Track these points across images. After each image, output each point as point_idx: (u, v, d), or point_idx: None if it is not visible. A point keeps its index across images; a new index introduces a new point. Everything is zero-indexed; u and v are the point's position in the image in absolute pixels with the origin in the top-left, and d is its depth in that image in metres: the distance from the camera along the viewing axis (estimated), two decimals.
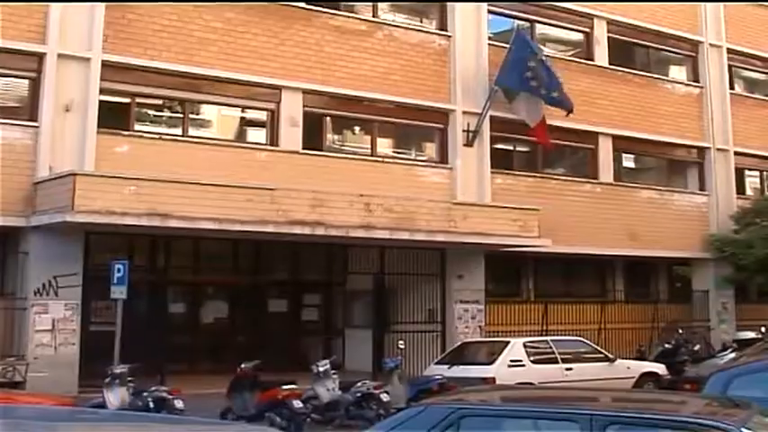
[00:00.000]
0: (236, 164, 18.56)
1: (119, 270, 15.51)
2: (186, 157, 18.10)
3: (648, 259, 25.59)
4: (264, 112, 19.98)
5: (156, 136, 18.55)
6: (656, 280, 27.36)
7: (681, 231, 25.51)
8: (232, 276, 21.24)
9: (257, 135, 20.40)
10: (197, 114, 19.99)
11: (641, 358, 20.89)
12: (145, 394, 13.21)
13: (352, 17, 21.09)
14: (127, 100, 18.55)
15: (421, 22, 22.99)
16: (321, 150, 20.37)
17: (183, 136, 18.85)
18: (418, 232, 19.05)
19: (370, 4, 21.78)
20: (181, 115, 19.25)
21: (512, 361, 16.54)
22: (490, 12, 23.08)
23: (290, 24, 19.93)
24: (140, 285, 18.23)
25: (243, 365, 14.11)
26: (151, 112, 19.52)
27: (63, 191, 15.88)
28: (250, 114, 20.56)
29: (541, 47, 24.33)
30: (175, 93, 18.97)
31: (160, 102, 19.45)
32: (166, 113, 19.71)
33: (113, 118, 17.89)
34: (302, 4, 20.24)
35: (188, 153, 18.27)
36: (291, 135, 19.66)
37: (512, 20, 23.72)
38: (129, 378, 13.44)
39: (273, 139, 19.68)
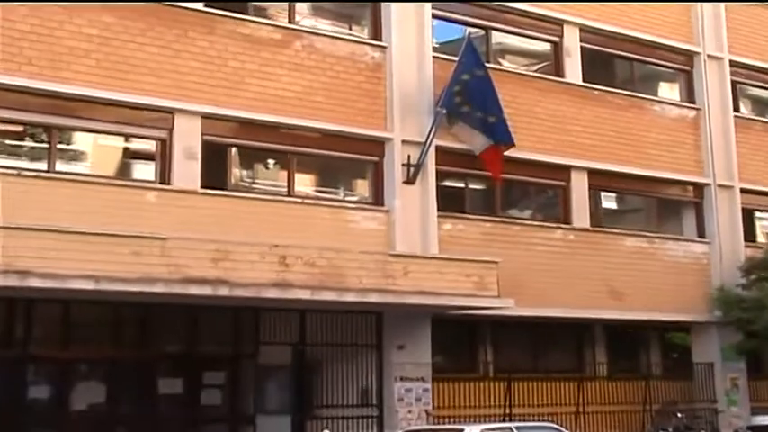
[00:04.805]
0: (117, 207, 18.77)
1: None
2: (53, 198, 18.26)
3: (636, 323, 26.25)
4: (153, 142, 20.28)
5: (14, 171, 18.56)
6: (647, 350, 27.95)
7: (676, 289, 26.31)
8: (112, 350, 21.19)
9: (144, 170, 20.68)
10: (67, 144, 20.18)
11: None
12: None
13: (264, 23, 21.63)
14: None
15: (350, 29, 23.67)
16: (225, 190, 20.74)
17: (48, 171, 19.04)
18: (347, 292, 19.45)
19: (286, 4, 22.32)
20: (46, 145, 19.42)
21: None
22: (435, 16, 23.84)
23: (185, 32, 20.38)
24: None
25: None
26: (8, 141, 19.57)
27: None
28: (135, 144, 20.85)
29: (501, 61, 25.10)
30: (39, 117, 19.16)
31: (20, 128, 19.60)
32: (28, 143, 19.83)
33: None
34: (200, 6, 20.70)
35: (55, 193, 18.42)
36: (187, 170, 20.01)
37: (462, 26, 24.53)
38: None
39: (165, 176, 20.01)
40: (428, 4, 23.53)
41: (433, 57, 23.33)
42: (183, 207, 19.58)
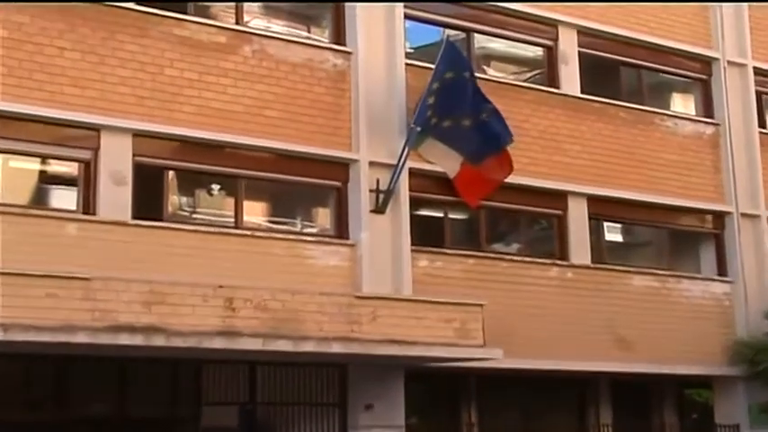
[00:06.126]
0: (30, 241, 18.66)
1: None
2: None
3: (648, 378, 26.44)
4: (75, 164, 20.31)
5: None
6: (661, 409, 28.24)
7: (694, 336, 26.36)
8: (23, 412, 21.15)
9: (64, 198, 20.69)
10: None
11: None
12: None
13: (207, 24, 21.69)
14: None
15: (308, 32, 23.84)
16: (161, 221, 20.77)
17: None
18: (305, 341, 19.40)
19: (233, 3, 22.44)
20: None
21: None
22: (408, 17, 23.99)
23: (112, 34, 20.40)
24: None
25: None
26: None
27: None
28: (53, 167, 20.88)
29: (486, 69, 25.23)
30: None
31: None
32: None
33: None
34: (131, 5, 20.70)
35: None
36: (116, 198, 19.98)
37: (440, 28, 24.83)
38: None
39: (89, 205, 20.00)
40: (399, 3, 23.63)
41: (406, 64, 23.47)
42: (110, 241, 19.53)
